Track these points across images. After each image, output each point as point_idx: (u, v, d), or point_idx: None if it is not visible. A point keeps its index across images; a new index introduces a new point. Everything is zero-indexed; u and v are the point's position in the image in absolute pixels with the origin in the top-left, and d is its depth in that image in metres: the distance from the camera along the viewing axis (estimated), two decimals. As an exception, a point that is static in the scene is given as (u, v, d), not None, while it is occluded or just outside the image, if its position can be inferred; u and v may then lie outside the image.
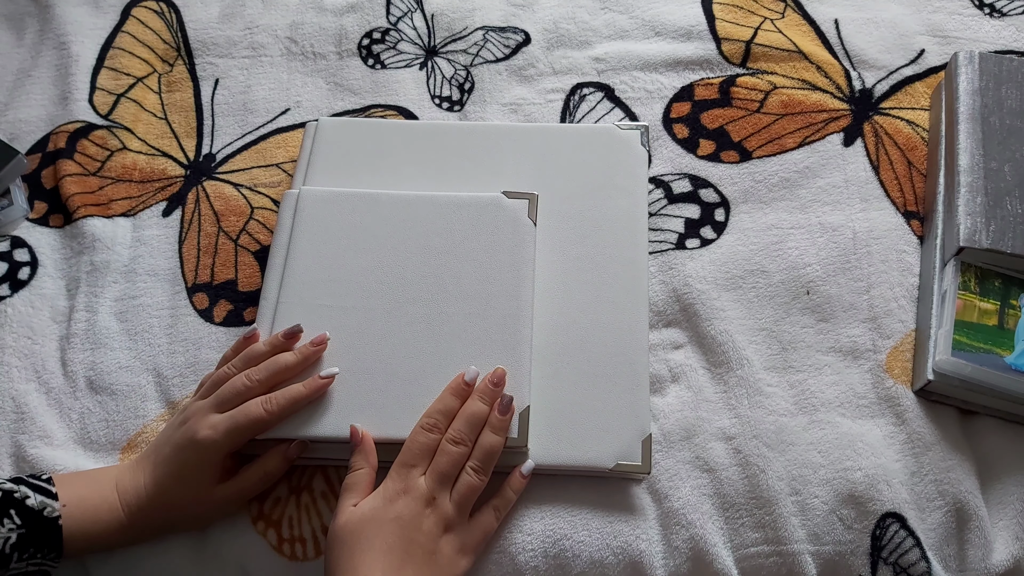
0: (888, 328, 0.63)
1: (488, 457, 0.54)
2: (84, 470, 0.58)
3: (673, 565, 0.56)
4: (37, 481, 0.52)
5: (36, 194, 0.72)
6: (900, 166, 0.70)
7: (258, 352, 0.57)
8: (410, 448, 0.53)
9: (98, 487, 0.53)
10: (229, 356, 0.59)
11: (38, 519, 0.50)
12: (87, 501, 0.52)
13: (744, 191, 0.69)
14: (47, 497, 0.51)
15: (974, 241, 0.60)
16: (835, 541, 0.56)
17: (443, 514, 0.51)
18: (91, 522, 0.52)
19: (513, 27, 0.79)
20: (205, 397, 0.55)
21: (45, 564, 0.51)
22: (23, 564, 0.50)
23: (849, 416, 0.60)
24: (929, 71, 0.75)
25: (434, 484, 0.52)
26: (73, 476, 0.54)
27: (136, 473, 0.54)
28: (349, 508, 0.51)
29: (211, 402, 0.55)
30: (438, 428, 0.54)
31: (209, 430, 0.53)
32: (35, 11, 0.82)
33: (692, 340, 0.63)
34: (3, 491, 0.50)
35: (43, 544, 0.50)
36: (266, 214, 0.70)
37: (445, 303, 0.59)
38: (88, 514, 0.52)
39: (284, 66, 0.78)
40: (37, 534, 0.50)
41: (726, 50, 0.76)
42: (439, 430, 0.54)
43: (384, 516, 0.50)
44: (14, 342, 0.65)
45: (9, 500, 0.50)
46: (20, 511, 0.50)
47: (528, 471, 0.55)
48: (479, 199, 0.63)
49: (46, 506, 0.50)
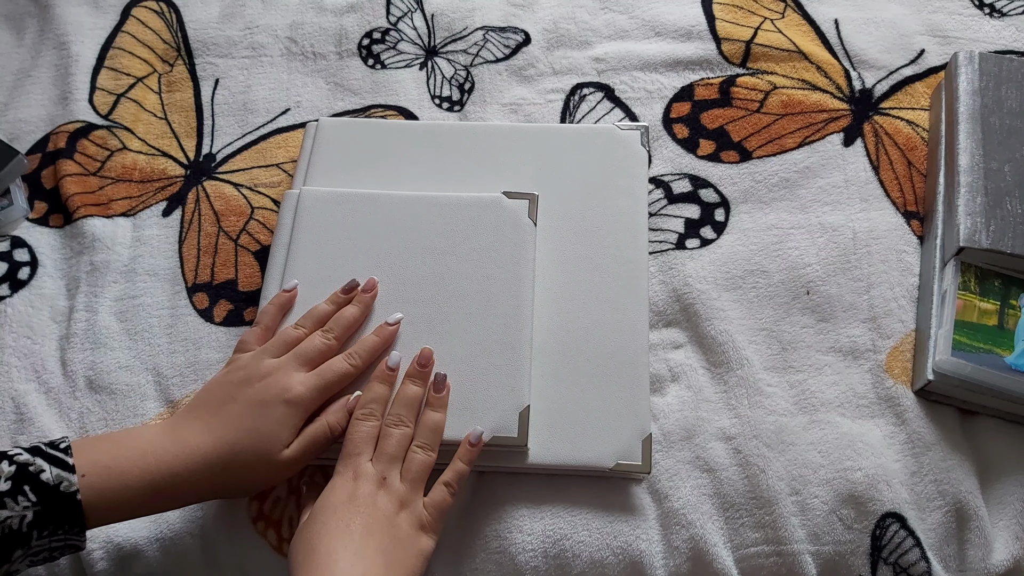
0: (888, 328, 0.63)
1: (433, 434, 0.54)
2: (109, 432, 0.55)
3: (673, 565, 0.56)
4: (54, 451, 0.48)
5: (36, 194, 0.72)
6: (900, 166, 0.70)
7: (324, 311, 0.58)
8: (351, 439, 0.53)
9: (126, 451, 0.49)
10: (272, 311, 0.59)
11: (54, 495, 0.46)
12: (113, 469, 0.48)
13: (744, 191, 0.69)
14: (63, 469, 0.47)
15: (974, 241, 0.60)
16: (835, 541, 0.56)
17: (396, 492, 0.51)
18: (118, 489, 0.48)
19: (513, 27, 0.79)
20: (276, 355, 0.55)
21: (70, 539, 0.47)
22: (45, 541, 0.46)
23: (849, 416, 0.60)
24: (929, 71, 0.75)
25: (383, 465, 0.52)
26: (97, 441, 0.50)
27: (183, 433, 0.51)
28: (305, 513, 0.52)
29: (292, 360, 0.54)
30: (374, 415, 0.54)
31: (301, 387, 0.53)
32: (35, 11, 0.82)
33: (692, 340, 0.63)
34: (19, 464, 0.47)
35: (63, 520, 0.46)
36: (266, 214, 0.70)
37: (445, 303, 0.59)
38: (114, 482, 0.48)
39: (284, 66, 0.78)
40: (54, 510, 0.46)
41: (726, 50, 0.76)
42: (375, 417, 0.54)
43: (337, 500, 0.50)
44: (14, 342, 0.65)
45: (24, 475, 0.46)
46: (35, 487, 0.46)
47: (476, 439, 0.54)
48: (479, 199, 0.63)
49: (62, 480, 0.46)
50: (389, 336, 0.58)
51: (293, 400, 0.52)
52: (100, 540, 0.56)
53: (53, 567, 0.56)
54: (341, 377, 0.55)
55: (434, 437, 0.54)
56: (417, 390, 0.55)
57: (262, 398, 0.52)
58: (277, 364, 0.54)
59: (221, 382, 0.54)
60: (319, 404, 0.54)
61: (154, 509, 0.51)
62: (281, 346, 0.56)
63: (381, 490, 0.51)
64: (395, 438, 0.53)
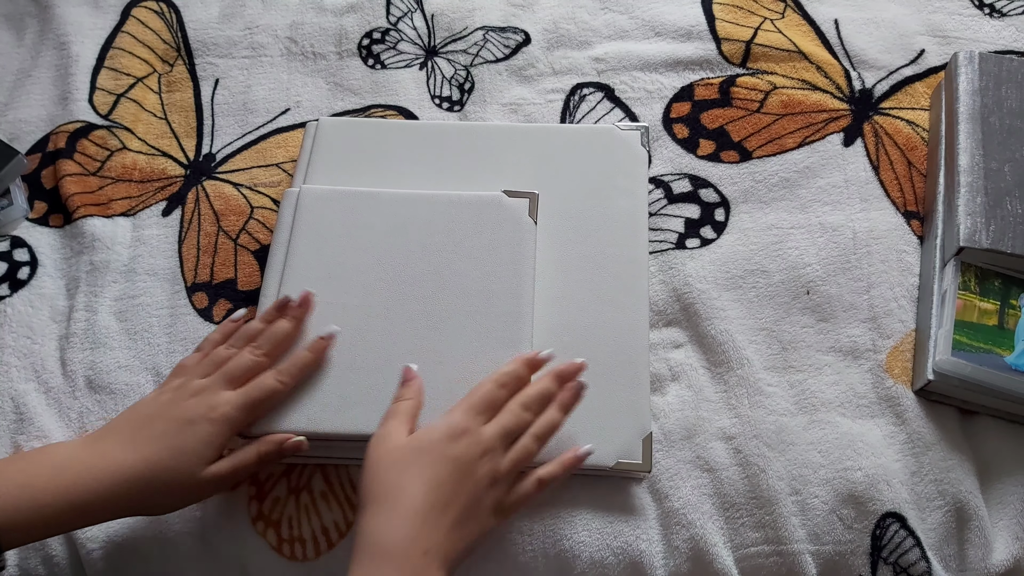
0: (888, 328, 0.63)
1: (548, 432, 0.53)
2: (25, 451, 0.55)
3: (673, 565, 0.56)
4: None
5: (36, 194, 0.72)
6: (900, 166, 0.70)
7: (255, 329, 0.57)
8: (483, 396, 0.52)
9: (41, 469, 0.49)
10: (216, 339, 0.58)
11: None
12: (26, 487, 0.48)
13: (744, 191, 0.69)
14: None
15: (974, 241, 0.60)
16: (835, 541, 0.56)
17: (495, 468, 0.51)
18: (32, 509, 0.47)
19: (513, 27, 0.79)
20: (206, 375, 0.54)
21: None
22: None
23: (849, 416, 0.60)
24: (929, 71, 0.75)
25: (497, 437, 0.51)
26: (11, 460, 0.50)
27: (103, 448, 0.51)
28: (401, 433, 0.50)
29: (219, 379, 0.54)
30: (508, 388, 0.53)
31: (226, 406, 0.52)
32: (35, 11, 0.82)
33: (692, 339, 0.63)
34: None
35: None
36: (266, 213, 0.70)
37: (446, 301, 0.59)
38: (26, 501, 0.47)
39: (284, 66, 0.78)
40: None
41: (726, 50, 0.76)
42: (509, 390, 0.53)
43: (443, 451, 0.49)
44: (13, 342, 0.65)
45: None
46: None
47: (585, 452, 0.54)
48: (480, 198, 0.63)
49: None
50: (322, 351, 0.57)
51: (218, 419, 0.52)
52: (100, 540, 0.56)
53: (54, 567, 0.56)
54: (268, 394, 0.54)
55: (547, 436, 0.53)
56: (553, 389, 0.54)
57: (187, 416, 0.52)
58: (205, 384, 0.54)
59: (148, 402, 0.54)
60: (247, 422, 0.54)
61: (73, 526, 0.51)
62: (210, 366, 0.55)
63: (484, 458, 0.50)
64: (519, 418, 0.52)
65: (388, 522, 0.46)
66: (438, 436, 0.50)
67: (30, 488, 0.48)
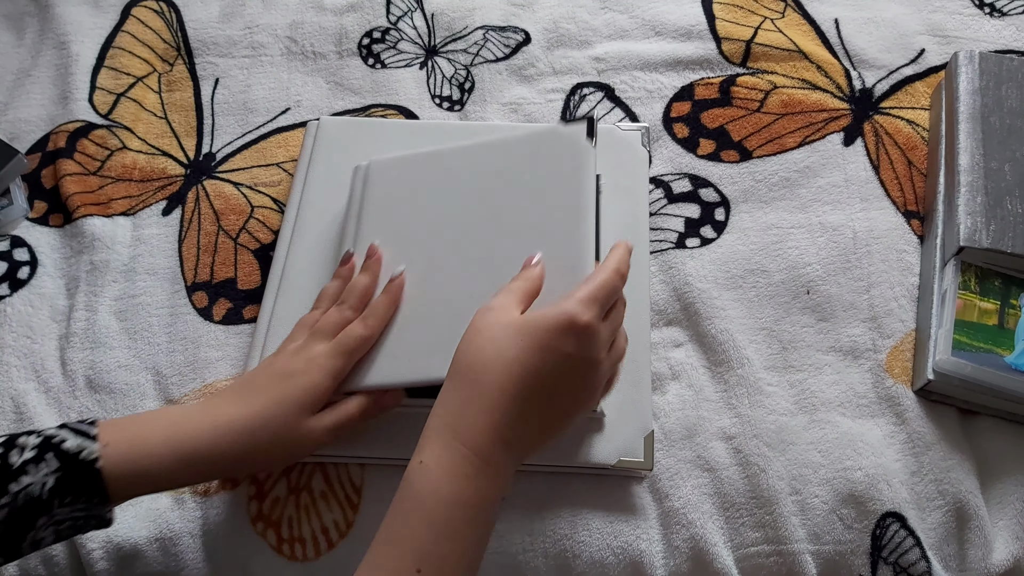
0: (888, 328, 0.63)
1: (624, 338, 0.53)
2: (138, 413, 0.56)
3: (673, 565, 0.56)
4: (79, 425, 0.49)
5: (36, 193, 0.72)
6: (900, 166, 0.70)
7: (334, 287, 0.59)
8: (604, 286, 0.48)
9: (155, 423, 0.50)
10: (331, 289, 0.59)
11: (74, 462, 0.46)
12: (137, 437, 0.49)
13: (744, 190, 0.69)
14: (85, 439, 0.47)
15: (974, 241, 0.60)
16: (835, 541, 0.56)
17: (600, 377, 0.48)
18: (141, 458, 0.48)
19: (513, 27, 0.79)
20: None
21: (94, 511, 0.47)
22: (67, 510, 0.46)
23: (849, 416, 0.60)
24: (929, 71, 0.75)
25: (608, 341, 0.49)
26: (129, 417, 0.51)
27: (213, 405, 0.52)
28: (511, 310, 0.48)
29: (313, 336, 0.55)
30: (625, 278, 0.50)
31: (320, 356, 0.53)
32: (35, 11, 0.82)
33: (692, 339, 0.63)
34: (44, 436, 0.47)
35: (83, 489, 0.46)
36: (266, 213, 0.70)
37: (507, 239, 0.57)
38: (137, 451, 0.48)
39: (284, 66, 0.78)
40: (75, 478, 0.46)
41: (726, 50, 0.76)
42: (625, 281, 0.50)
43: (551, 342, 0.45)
44: (13, 341, 0.65)
45: (47, 445, 0.47)
46: (57, 454, 0.47)
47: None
48: (535, 131, 0.61)
49: (83, 448, 0.47)
50: (395, 292, 0.57)
51: (314, 369, 0.53)
52: (100, 540, 0.56)
53: (54, 567, 0.56)
54: (359, 341, 0.55)
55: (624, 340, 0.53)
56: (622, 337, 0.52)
57: (287, 369, 0.53)
58: (301, 343, 0.55)
59: (255, 369, 0.56)
60: (345, 370, 0.54)
61: (182, 481, 0.51)
62: (303, 331, 0.57)
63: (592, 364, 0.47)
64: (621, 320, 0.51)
65: (470, 403, 0.44)
66: (549, 324, 0.45)
67: (140, 438, 0.49)
